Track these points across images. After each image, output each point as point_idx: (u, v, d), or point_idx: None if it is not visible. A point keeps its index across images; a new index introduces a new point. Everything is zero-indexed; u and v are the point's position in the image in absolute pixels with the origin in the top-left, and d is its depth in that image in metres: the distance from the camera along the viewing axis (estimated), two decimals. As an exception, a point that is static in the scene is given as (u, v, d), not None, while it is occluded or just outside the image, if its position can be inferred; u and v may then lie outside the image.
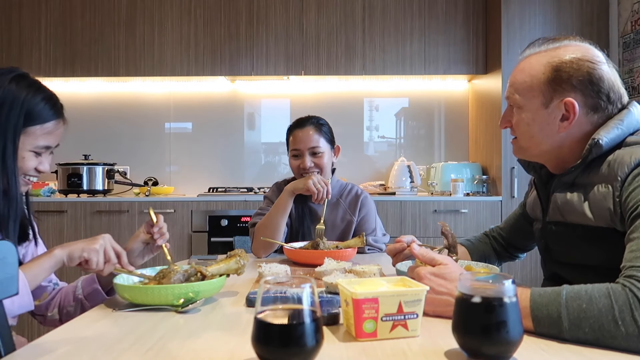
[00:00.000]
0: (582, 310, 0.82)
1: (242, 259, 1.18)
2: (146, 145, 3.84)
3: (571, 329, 0.82)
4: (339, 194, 1.98)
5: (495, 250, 1.51)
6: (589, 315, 0.81)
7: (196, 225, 3.23)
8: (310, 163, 1.90)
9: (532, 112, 1.14)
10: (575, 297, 0.84)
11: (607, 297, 0.82)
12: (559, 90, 1.10)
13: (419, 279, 0.97)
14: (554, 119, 1.11)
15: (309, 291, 0.69)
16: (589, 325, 0.81)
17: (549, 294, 0.86)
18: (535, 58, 1.14)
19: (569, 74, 1.09)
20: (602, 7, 3.25)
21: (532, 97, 1.13)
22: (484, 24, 3.51)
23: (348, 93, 3.83)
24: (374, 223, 1.95)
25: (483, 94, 3.57)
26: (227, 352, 0.79)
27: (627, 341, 0.79)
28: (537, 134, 1.14)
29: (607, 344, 0.80)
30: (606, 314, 0.81)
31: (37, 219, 1.34)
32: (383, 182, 3.67)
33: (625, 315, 0.80)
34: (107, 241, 1.16)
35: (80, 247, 1.12)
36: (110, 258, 1.15)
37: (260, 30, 3.53)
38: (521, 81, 1.15)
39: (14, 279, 0.87)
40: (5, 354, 0.85)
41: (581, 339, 0.82)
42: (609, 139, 1.06)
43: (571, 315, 0.82)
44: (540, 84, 1.11)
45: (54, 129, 1.20)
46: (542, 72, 1.11)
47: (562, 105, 1.10)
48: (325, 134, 1.95)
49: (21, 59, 3.52)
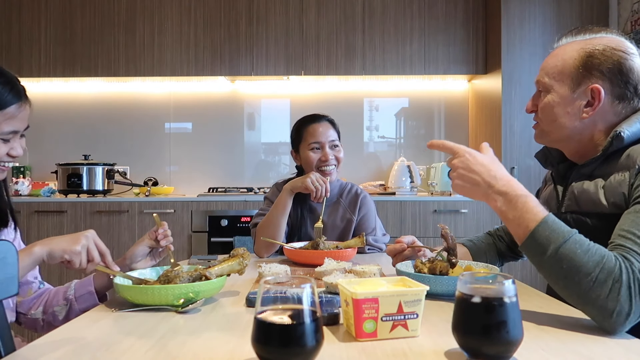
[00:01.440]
0: (573, 252, 0.88)
1: (244, 260, 1.18)
2: (146, 145, 3.84)
3: (552, 257, 0.89)
4: (338, 194, 1.99)
5: (499, 250, 1.51)
6: (575, 260, 0.88)
7: (196, 225, 3.23)
8: (331, 155, 1.92)
9: (558, 95, 1.16)
10: (578, 242, 0.89)
11: (601, 257, 0.88)
12: (588, 76, 1.12)
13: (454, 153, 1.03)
14: (579, 104, 1.14)
15: (309, 291, 0.69)
16: (569, 264, 0.88)
17: (560, 225, 0.92)
18: (570, 45, 1.17)
19: (600, 61, 1.11)
20: (602, 7, 3.25)
21: (561, 80, 1.16)
22: (484, 24, 3.51)
23: (348, 93, 3.83)
24: (373, 223, 1.96)
25: (483, 94, 3.57)
26: (227, 352, 0.79)
27: (587, 293, 0.87)
28: (560, 117, 1.16)
29: (568, 286, 0.89)
30: (589, 267, 0.87)
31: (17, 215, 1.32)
32: (383, 182, 3.67)
33: (603, 276, 0.86)
34: (90, 240, 1.13)
35: (61, 247, 1.09)
36: (94, 257, 1.12)
37: (260, 30, 3.53)
38: (552, 65, 1.18)
39: (14, 279, 0.87)
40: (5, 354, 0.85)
41: (553, 271, 0.90)
42: (631, 132, 1.08)
43: (563, 250, 0.89)
44: (571, 69, 1.14)
45: (16, 113, 1.15)
46: (574, 57, 1.14)
47: (588, 91, 1.12)
48: (337, 131, 1.99)
49: (21, 59, 3.52)
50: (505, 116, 3.21)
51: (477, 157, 1.01)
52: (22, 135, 1.22)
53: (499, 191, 0.98)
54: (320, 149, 1.93)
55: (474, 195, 1.01)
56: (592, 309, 0.87)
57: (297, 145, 1.99)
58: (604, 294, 0.85)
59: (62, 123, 3.82)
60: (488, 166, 1.00)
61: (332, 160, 1.92)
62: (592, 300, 0.86)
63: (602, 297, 0.85)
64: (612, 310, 0.85)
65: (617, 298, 0.85)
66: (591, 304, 0.87)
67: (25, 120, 1.20)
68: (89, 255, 1.12)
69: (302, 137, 1.96)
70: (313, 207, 1.95)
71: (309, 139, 1.94)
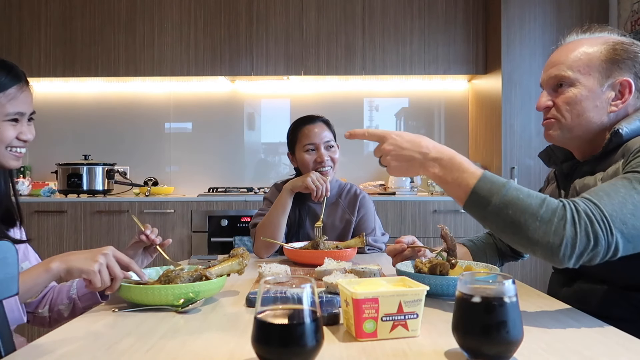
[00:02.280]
0: (516, 197, 0.91)
1: (244, 260, 1.18)
2: (146, 145, 3.84)
3: (498, 206, 0.91)
4: (338, 194, 1.99)
5: (499, 249, 1.51)
6: (520, 203, 0.90)
7: (196, 225, 3.23)
8: (327, 156, 1.92)
9: (586, 89, 1.14)
10: (518, 188, 0.92)
11: (542, 199, 0.91)
12: (617, 69, 1.12)
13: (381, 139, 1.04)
14: (607, 97, 1.14)
15: (309, 291, 0.69)
16: (514, 209, 0.90)
17: (499, 177, 0.95)
18: (589, 40, 1.16)
19: (628, 55, 1.12)
20: (602, 7, 3.25)
21: (588, 73, 1.14)
22: (484, 24, 3.51)
23: (348, 93, 3.83)
24: (373, 223, 1.95)
25: (483, 94, 3.57)
26: (227, 352, 0.79)
27: (534, 234, 0.89)
28: (588, 111, 1.14)
29: (517, 231, 0.90)
30: (533, 208, 0.89)
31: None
32: (383, 182, 3.67)
33: (547, 215, 0.89)
34: (109, 257, 1.08)
35: (79, 266, 1.05)
36: (116, 275, 1.07)
37: (260, 30, 3.53)
38: (575, 58, 1.15)
39: (14, 279, 0.87)
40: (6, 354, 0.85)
41: (500, 219, 0.91)
42: (630, 130, 1.09)
43: (506, 197, 0.91)
44: (599, 61, 1.13)
45: (17, 93, 1.17)
46: (600, 50, 1.13)
47: (617, 85, 1.13)
48: (333, 132, 1.98)
49: (21, 59, 3.52)
50: (505, 116, 3.21)
51: (404, 135, 1.03)
52: (31, 119, 1.23)
53: (433, 158, 1.00)
54: (315, 150, 1.92)
55: (411, 171, 1.03)
56: (541, 248, 0.89)
57: (293, 147, 1.98)
58: (550, 231, 0.88)
59: (62, 123, 3.82)
60: (416, 140, 1.02)
61: (327, 161, 1.91)
62: (540, 237, 0.89)
63: (548, 233, 0.88)
64: (559, 243, 0.88)
65: (562, 232, 0.88)
66: (539, 242, 0.89)
67: (29, 103, 1.22)
68: (111, 272, 1.07)
69: (297, 139, 1.95)
70: (312, 207, 1.95)
71: (304, 140, 1.93)
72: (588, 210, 0.89)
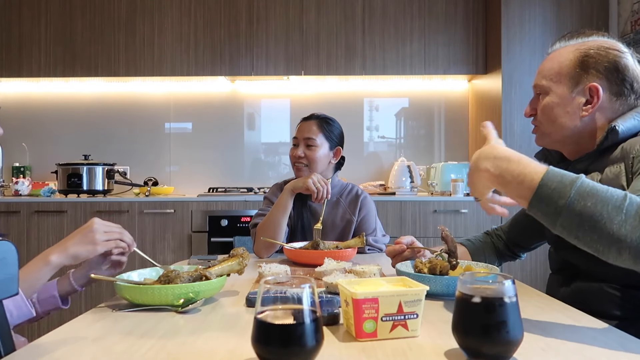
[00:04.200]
0: (594, 188, 0.82)
1: (244, 260, 1.18)
2: (146, 145, 3.84)
3: (575, 198, 0.81)
4: (339, 194, 1.99)
5: (497, 249, 1.51)
6: (600, 194, 0.81)
7: (196, 225, 3.23)
8: (301, 152, 1.92)
9: (557, 96, 1.19)
10: (593, 182, 0.83)
11: (624, 193, 0.82)
12: (585, 75, 1.16)
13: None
14: (578, 103, 1.17)
15: (309, 291, 0.69)
16: (594, 200, 0.80)
17: (567, 172, 0.85)
18: (565, 49, 1.21)
19: (596, 60, 1.15)
20: (602, 7, 3.25)
21: (558, 81, 1.19)
22: (484, 24, 3.51)
23: (348, 93, 3.83)
24: (374, 223, 1.96)
25: (483, 94, 3.57)
26: (227, 352, 0.79)
27: (619, 229, 0.78)
28: (560, 117, 1.19)
29: (599, 225, 0.80)
30: (616, 199, 0.80)
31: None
32: (383, 182, 3.67)
33: (633, 208, 0.79)
34: (100, 231, 1.14)
35: (82, 252, 1.10)
36: (117, 241, 1.15)
37: (260, 30, 3.53)
38: (549, 68, 1.21)
39: (14, 279, 0.87)
40: (5, 354, 0.85)
41: (576, 213, 0.80)
42: (625, 127, 1.10)
43: (581, 189, 0.82)
44: (568, 69, 1.18)
45: None
46: (570, 58, 1.18)
47: (586, 90, 1.15)
48: (326, 131, 1.96)
49: (21, 59, 3.53)
50: (505, 116, 3.21)
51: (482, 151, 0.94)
52: None
53: (488, 157, 0.91)
54: (297, 146, 1.94)
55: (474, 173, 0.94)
56: (630, 245, 0.79)
57: None
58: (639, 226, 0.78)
59: (62, 123, 3.82)
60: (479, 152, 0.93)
61: (300, 157, 1.93)
62: (629, 233, 0.78)
63: (638, 228, 0.78)
64: None
65: None
66: (627, 238, 0.79)
67: None
68: (114, 238, 1.15)
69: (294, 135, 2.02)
70: (314, 207, 1.94)
71: (294, 134, 1.99)
72: None
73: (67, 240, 1.14)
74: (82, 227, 1.16)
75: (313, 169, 1.93)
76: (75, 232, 1.17)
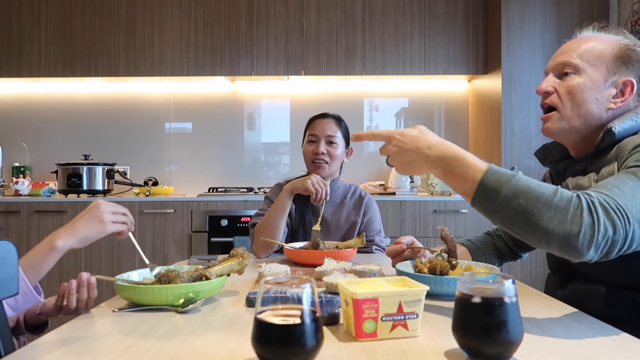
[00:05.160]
0: (527, 187, 0.87)
1: (244, 260, 1.18)
2: (146, 145, 3.84)
3: (508, 196, 0.87)
4: (343, 195, 1.99)
5: (498, 249, 1.51)
6: (531, 192, 0.86)
7: (196, 225, 3.23)
8: (324, 149, 1.92)
9: (590, 80, 1.14)
10: (528, 179, 0.89)
11: (555, 189, 0.87)
12: (623, 69, 1.14)
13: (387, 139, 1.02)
14: (609, 93, 1.14)
15: (309, 291, 0.69)
16: (526, 198, 0.86)
17: (505, 170, 0.91)
18: (605, 37, 1.17)
19: (637, 57, 1.14)
20: (602, 8, 3.25)
21: (596, 65, 1.15)
22: (484, 24, 3.51)
23: (348, 93, 3.83)
24: (379, 225, 1.98)
25: (483, 94, 3.57)
26: (227, 352, 0.79)
27: (548, 224, 0.84)
28: (589, 102, 1.14)
29: (531, 221, 0.86)
30: (547, 196, 0.86)
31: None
32: (383, 182, 3.67)
33: (562, 203, 0.85)
34: (107, 211, 1.13)
35: (91, 233, 1.09)
36: (125, 221, 1.15)
37: (260, 31, 3.53)
38: (587, 49, 1.16)
39: (14, 279, 0.87)
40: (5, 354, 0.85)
41: (510, 210, 0.87)
42: (622, 129, 1.09)
43: (516, 186, 0.87)
44: (609, 57, 1.14)
45: None
46: (613, 47, 1.15)
47: (620, 84, 1.13)
48: (343, 130, 1.99)
49: (21, 59, 3.52)
50: (505, 116, 3.21)
51: (406, 135, 1.00)
52: None
53: (435, 157, 0.97)
54: (316, 143, 1.94)
55: (416, 170, 1.01)
56: (557, 238, 0.85)
57: (303, 141, 2.02)
58: (566, 219, 0.84)
59: (62, 123, 3.82)
60: (418, 139, 0.99)
61: (324, 154, 1.92)
62: (556, 227, 0.84)
63: (564, 222, 0.84)
64: (576, 232, 0.83)
65: (580, 220, 0.84)
66: (554, 232, 0.85)
67: None
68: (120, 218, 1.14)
69: (306, 132, 2.01)
70: (316, 208, 1.94)
71: (309, 132, 1.98)
72: (602, 200, 0.86)
73: (73, 223, 1.12)
74: (87, 208, 1.14)
75: (333, 167, 1.95)
76: (81, 214, 1.15)
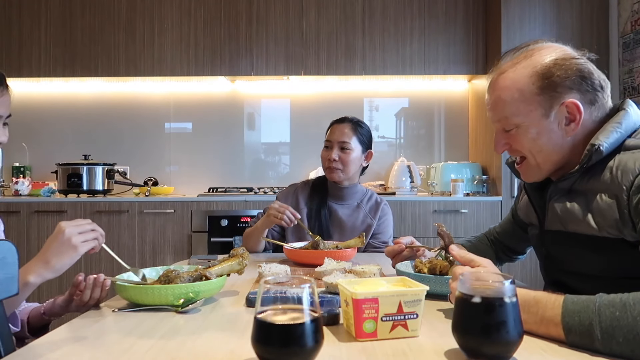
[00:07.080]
0: (615, 318, 0.76)
1: (244, 260, 1.18)
2: (146, 145, 3.84)
3: (604, 339, 0.76)
4: (360, 199, 2.03)
5: (496, 250, 1.51)
6: (622, 323, 0.75)
7: (196, 225, 3.23)
8: (336, 155, 1.94)
9: (534, 126, 1.07)
10: (609, 305, 0.78)
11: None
12: (556, 95, 1.04)
13: (455, 278, 0.93)
14: (559, 125, 1.06)
15: (309, 291, 0.69)
16: (623, 335, 0.75)
17: (582, 301, 0.80)
18: (513, 72, 1.08)
19: (560, 76, 1.04)
20: (602, 7, 3.25)
21: (528, 111, 1.06)
22: (484, 24, 3.51)
23: (348, 93, 3.83)
24: (391, 229, 2.04)
25: (483, 94, 3.56)
26: (227, 352, 0.79)
27: None
28: (545, 146, 1.07)
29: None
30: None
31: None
32: (383, 182, 3.67)
33: None
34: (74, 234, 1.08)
35: (65, 260, 1.05)
36: (96, 238, 1.13)
37: (260, 31, 3.53)
38: (509, 99, 1.07)
39: (14, 279, 0.87)
40: (5, 354, 0.85)
41: (616, 352, 0.75)
42: (609, 144, 1.01)
43: (603, 323, 0.76)
44: (534, 95, 1.05)
45: None
46: (531, 82, 1.05)
47: (564, 109, 1.04)
48: (360, 135, 1.99)
49: (21, 59, 3.52)
50: (505, 116, 3.20)
51: None
52: (5, 123, 1.21)
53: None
54: (330, 149, 1.95)
55: None
56: None
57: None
58: None
59: (62, 123, 3.82)
60: None
61: (335, 160, 1.93)
62: None
63: None
64: None
65: None
66: None
67: (6, 106, 1.18)
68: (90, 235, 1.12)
69: (325, 137, 2.04)
70: (334, 208, 1.98)
71: (326, 137, 2.02)
72: None
73: (43, 254, 1.06)
74: (53, 235, 1.08)
75: (347, 172, 1.96)
76: (47, 242, 1.09)
